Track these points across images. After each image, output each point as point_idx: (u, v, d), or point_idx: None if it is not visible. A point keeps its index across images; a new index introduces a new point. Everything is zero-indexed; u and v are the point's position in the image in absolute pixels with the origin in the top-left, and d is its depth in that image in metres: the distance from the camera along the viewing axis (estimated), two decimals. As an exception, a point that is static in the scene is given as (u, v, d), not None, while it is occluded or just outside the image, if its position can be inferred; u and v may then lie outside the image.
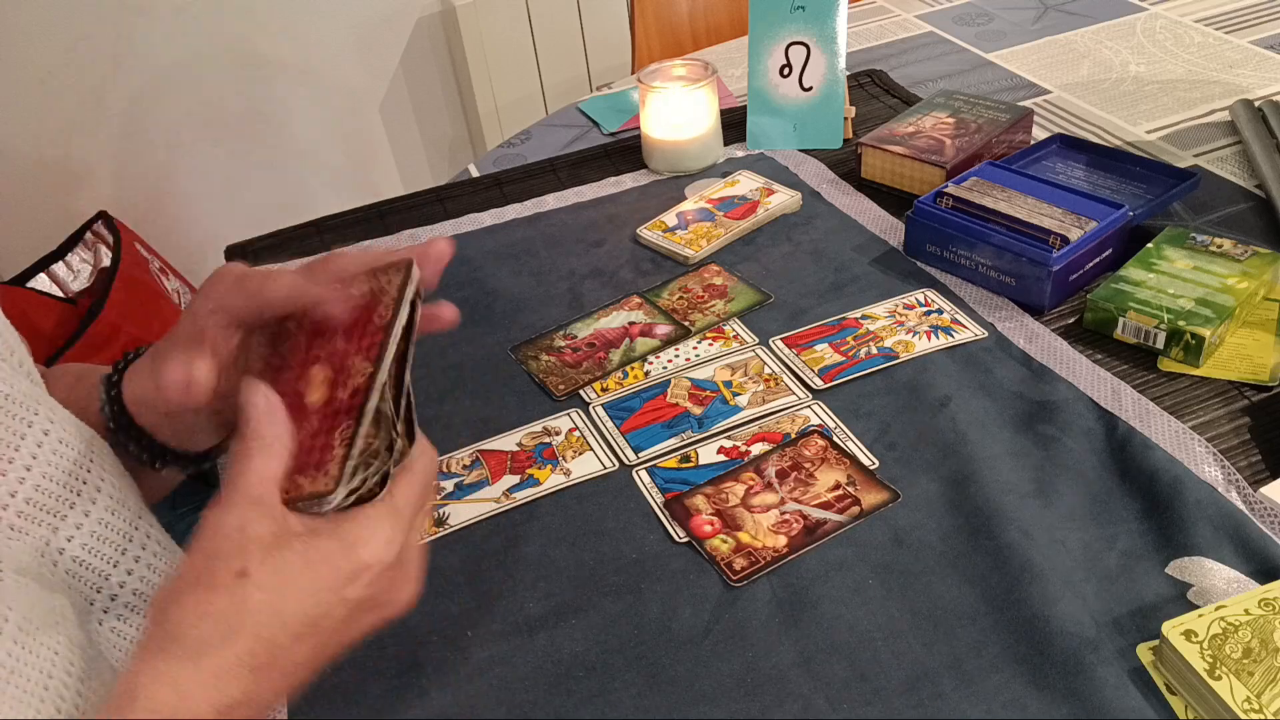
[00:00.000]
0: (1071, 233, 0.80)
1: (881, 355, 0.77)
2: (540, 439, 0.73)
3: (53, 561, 0.50)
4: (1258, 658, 0.51)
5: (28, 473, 0.49)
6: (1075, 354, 0.76)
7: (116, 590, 0.53)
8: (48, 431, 0.50)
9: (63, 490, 0.50)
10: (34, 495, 0.49)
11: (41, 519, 0.49)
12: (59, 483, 0.50)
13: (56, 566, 0.50)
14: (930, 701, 0.54)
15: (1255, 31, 1.25)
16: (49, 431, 0.50)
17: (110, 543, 0.53)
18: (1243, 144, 1.01)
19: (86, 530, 0.51)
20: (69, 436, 0.51)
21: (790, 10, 1.03)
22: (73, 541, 0.51)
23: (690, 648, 0.58)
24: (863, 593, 0.60)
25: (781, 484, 0.67)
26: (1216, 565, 0.59)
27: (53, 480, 0.50)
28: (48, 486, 0.50)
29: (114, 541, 0.53)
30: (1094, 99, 1.14)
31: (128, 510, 0.54)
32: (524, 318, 0.86)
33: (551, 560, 0.64)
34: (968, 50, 1.29)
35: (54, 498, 0.50)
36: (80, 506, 0.51)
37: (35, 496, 0.49)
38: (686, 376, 0.78)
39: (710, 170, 1.05)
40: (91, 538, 0.52)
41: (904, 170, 0.96)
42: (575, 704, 0.56)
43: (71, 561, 0.51)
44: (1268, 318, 0.77)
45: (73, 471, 0.51)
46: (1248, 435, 0.68)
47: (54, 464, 0.50)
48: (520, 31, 2.08)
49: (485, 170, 1.12)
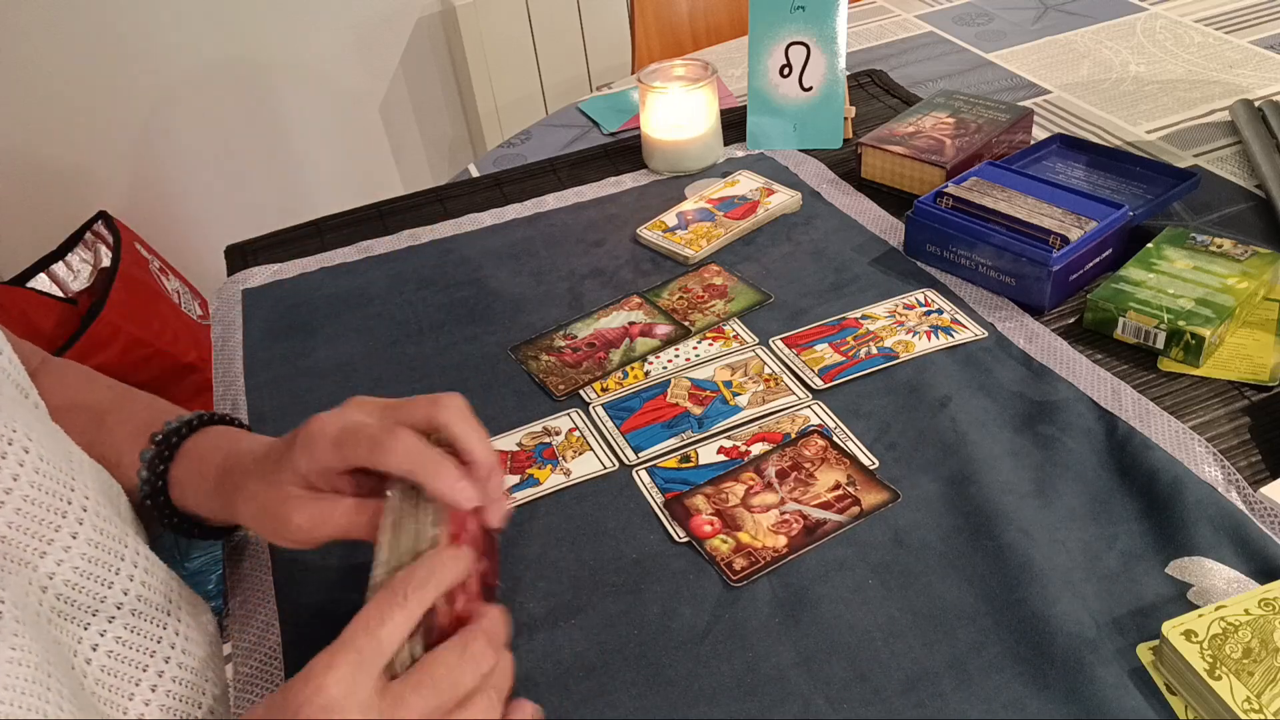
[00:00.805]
0: (1071, 233, 0.80)
1: (881, 355, 0.77)
2: (540, 439, 0.73)
3: (41, 587, 0.48)
4: (1258, 658, 0.51)
5: (7, 495, 0.47)
6: (1075, 354, 0.76)
7: (114, 612, 0.52)
8: (28, 450, 0.48)
9: (46, 513, 0.49)
10: (15, 518, 0.47)
11: (26, 543, 0.48)
12: (43, 505, 0.48)
13: (45, 592, 0.48)
14: (930, 701, 0.54)
15: (1255, 31, 1.25)
16: (29, 449, 0.48)
17: (101, 563, 0.51)
18: (1243, 144, 1.01)
19: (76, 552, 0.50)
20: (50, 454, 0.50)
21: (790, 10, 1.03)
22: (62, 565, 0.49)
23: (690, 648, 0.58)
24: (863, 593, 0.60)
25: (781, 484, 0.67)
26: (1216, 565, 0.59)
27: (36, 504, 0.48)
28: (31, 510, 0.48)
29: (104, 561, 0.52)
30: (1094, 99, 1.14)
31: (114, 527, 0.53)
32: (524, 318, 0.86)
33: (551, 560, 0.64)
34: (968, 50, 1.29)
35: (38, 520, 0.48)
36: (66, 529, 0.49)
37: (17, 519, 0.47)
38: (686, 376, 0.78)
39: (710, 170, 1.05)
40: (81, 559, 0.50)
41: (904, 170, 0.97)
42: (575, 704, 0.56)
43: (62, 585, 0.49)
44: (1268, 318, 0.77)
45: (56, 491, 0.49)
46: (1248, 435, 0.68)
47: (37, 484, 0.48)
48: (520, 31, 2.08)
49: (485, 170, 1.13)
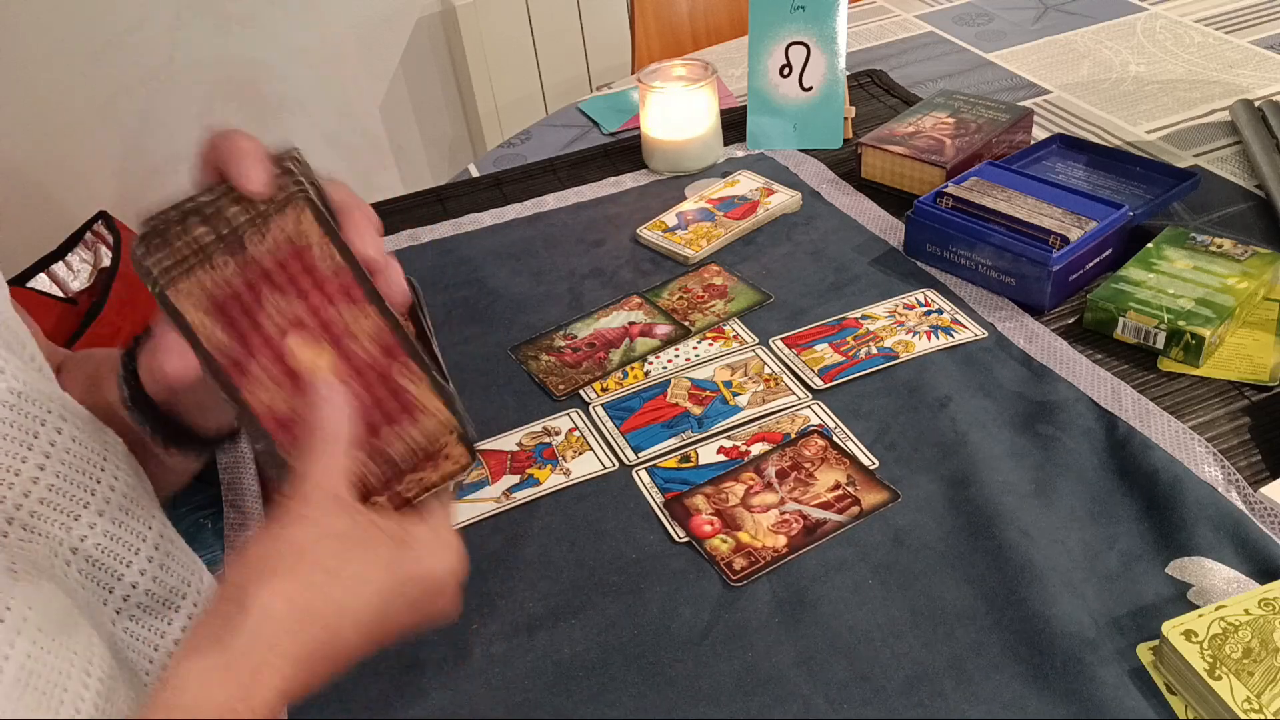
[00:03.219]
0: (1071, 233, 0.80)
1: (881, 355, 0.77)
2: (540, 439, 0.73)
3: (66, 561, 0.50)
4: (1258, 658, 0.51)
5: (41, 472, 0.48)
6: (1075, 354, 0.76)
7: (129, 590, 0.53)
8: (60, 430, 0.50)
9: (76, 490, 0.50)
10: (48, 495, 0.49)
11: (55, 519, 0.49)
12: (72, 482, 0.50)
13: (70, 566, 0.50)
14: (930, 701, 0.54)
15: (1255, 31, 1.25)
16: (61, 430, 0.50)
17: (124, 543, 0.52)
18: (1243, 144, 1.01)
19: (100, 530, 0.51)
20: (81, 435, 0.51)
21: (790, 10, 1.03)
22: (86, 541, 0.50)
23: (690, 648, 0.58)
24: (863, 593, 0.60)
25: (781, 484, 0.67)
26: (1216, 565, 0.59)
27: (66, 480, 0.50)
28: (61, 486, 0.49)
29: (128, 541, 0.53)
30: (1094, 99, 1.14)
31: (141, 510, 0.54)
32: (524, 318, 0.86)
33: (551, 560, 0.64)
34: (968, 50, 1.29)
35: (67, 497, 0.50)
36: (94, 506, 0.51)
37: (49, 496, 0.49)
38: (686, 376, 0.78)
39: (710, 170, 1.05)
40: (105, 537, 0.51)
41: (904, 170, 0.96)
42: (575, 704, 0.56)
43: (85, 561, 0.50)
44: (1268, 318, 0.77)
45: (86, 470, 0.51)
46: (1248, 435, 0.68)
47: (67, 463, 0.50)
48: (520, 31, 2.08)
49: (485, 170, 1.12)
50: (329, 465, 0.45)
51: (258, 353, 0.46)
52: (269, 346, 0.46)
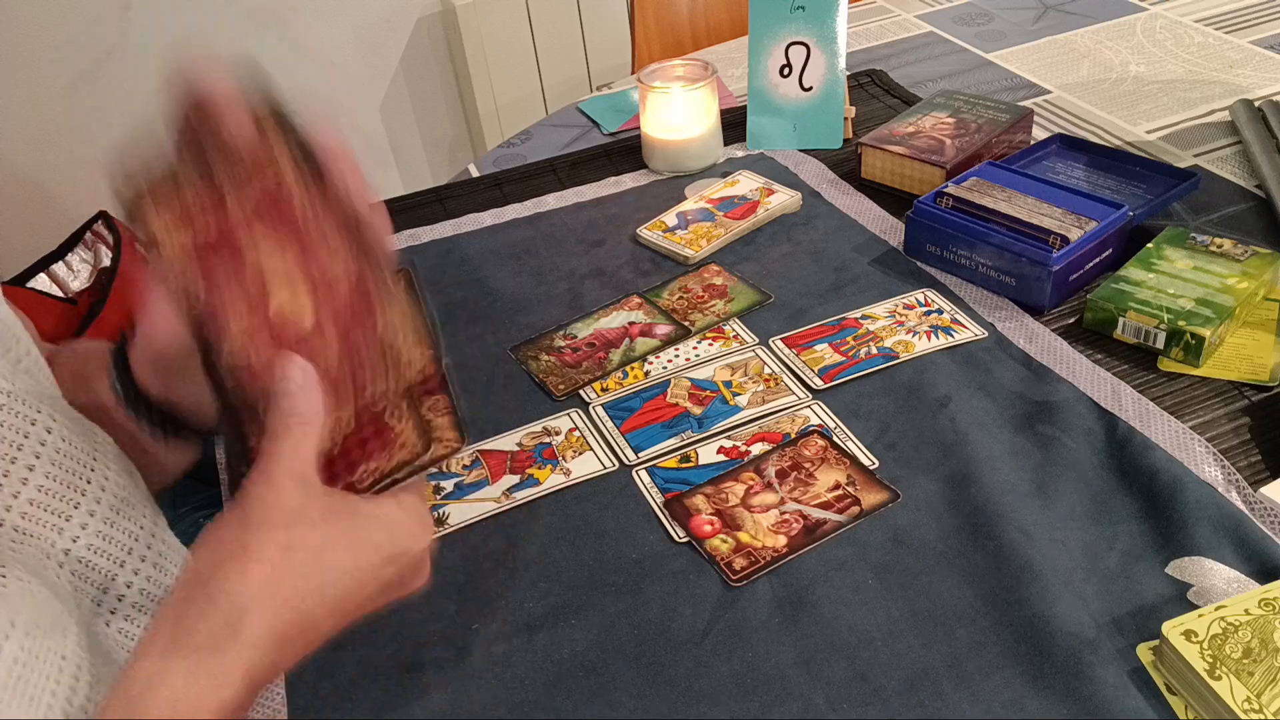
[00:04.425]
0: (1071, 233, 0.80)
1: (881, 355, 0.77)
2: (540, 439, 0.73)
3: (58, 563, 0.50)
4: (1258, 658, 0.51)
5: (30, 473, 0.48)
6: (1075, 354, 0.76)
7: (124, 590, 0.53)
8: (50, 430, 0.50)
9: (67, 490, 0.50)
10: (37, 496, 0.49)
11: (46, 520, 0.49)
12: (63, 483, 0.50)
13: (62, 568, 0.50)
14: (930, 701, 0.54)
15: (1255, 31, 1.25)
16: (51, 430, 0.50)
17: (116, 542, 0.52)
18: (1243, 144, 1.01)
19: (92, 530, 0.51)
20: (72, 435, 0.51)
21: (790, 10, 1.03)
22: (78, 542, 0.50)
23: (690, 648, 0.58)
24: (862, 593, 0.60)
25: (781, 484, 0.67)
26: (1216, 565, 0.59)
27: (57, 480, 0.50)
28: (51, 487, 0.49)
29: (120, 541, 0.53)
30: (1094, 99, 1.14)
31: (133, 510, 0.54)
32: (524, 318, 0.86)
33: (551, 560, 0.64)
34: (968, 50, 1.29)
35: (58, 498, 0.50)
36: (85, 507, 0.51)
37: (39, 498, 0.49)
38: (686, 376, 0.78)
39: (710, 170, 1.05)
40: (97, 538, 0.51)
41: (904, 170, 0.96)
42: (575, 704, 0.56)
43: (77, 562, 0.50)
44: (1268, 318, 0.77)
45: (76, 471, 0.51)
46: (1248, 435, 0.68)
47: (57, 463, 0.50)
48: (520, 31, 2.08)
49: (485, 170, 1.12)
50: (297, 448, 0.45)
51: (239, 304, 0.46)
52: (251, 299, 0.46)
